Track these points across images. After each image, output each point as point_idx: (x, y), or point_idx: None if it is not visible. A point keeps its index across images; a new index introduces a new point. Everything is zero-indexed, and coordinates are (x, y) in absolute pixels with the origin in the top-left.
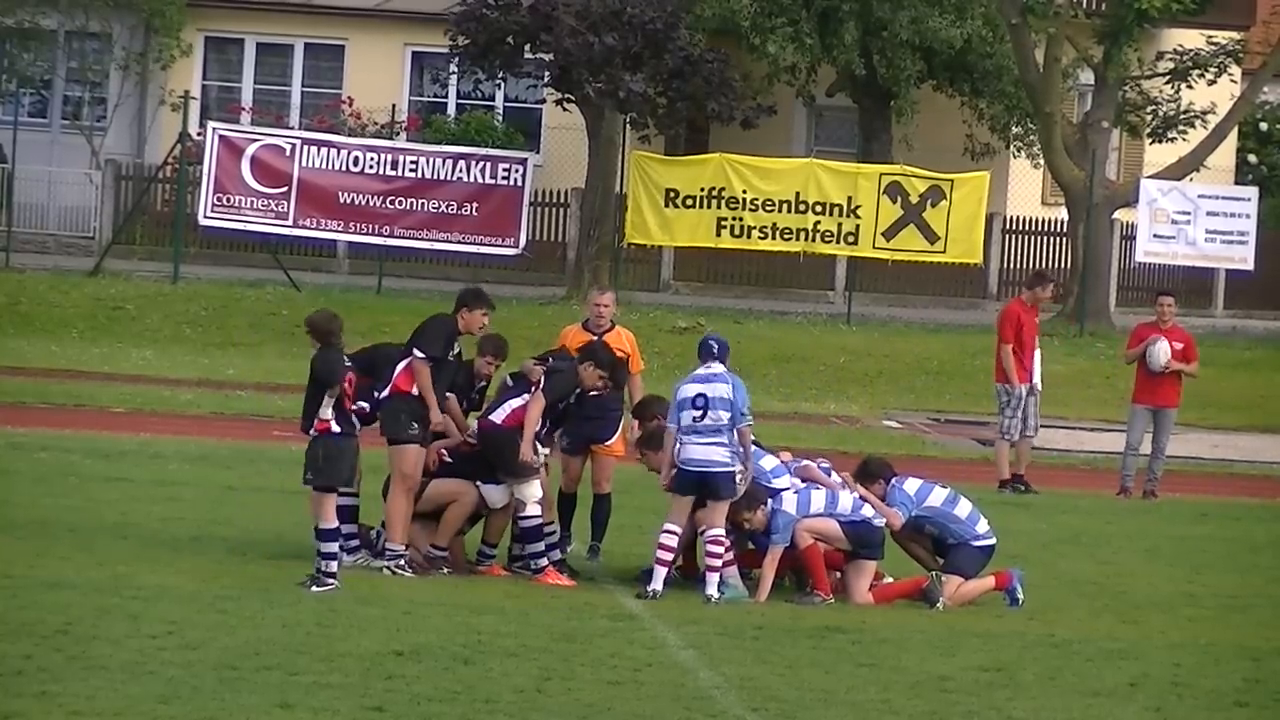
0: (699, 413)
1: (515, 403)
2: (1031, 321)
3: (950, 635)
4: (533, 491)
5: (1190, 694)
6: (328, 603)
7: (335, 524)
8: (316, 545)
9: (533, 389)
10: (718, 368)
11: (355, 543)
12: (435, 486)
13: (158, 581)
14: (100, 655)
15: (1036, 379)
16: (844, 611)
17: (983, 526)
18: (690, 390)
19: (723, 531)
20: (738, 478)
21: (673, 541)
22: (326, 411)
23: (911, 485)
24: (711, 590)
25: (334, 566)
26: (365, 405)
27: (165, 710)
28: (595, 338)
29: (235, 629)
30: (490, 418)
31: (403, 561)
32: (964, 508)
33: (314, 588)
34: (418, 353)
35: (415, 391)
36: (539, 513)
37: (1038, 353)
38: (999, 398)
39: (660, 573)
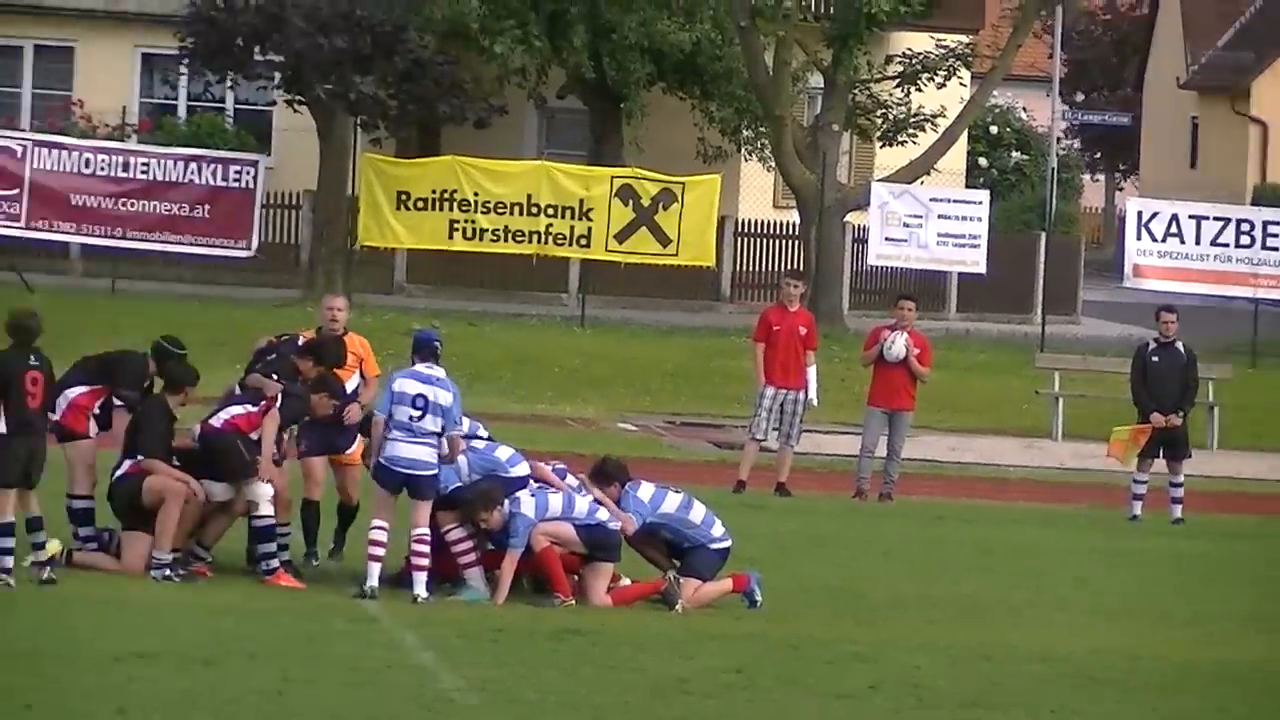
0: (418, 413)
1: (235, 410)
2: (789, 325)
3: (689, 637)
4: (263, 491)
5: (930, 696)
6: (69, 603)
7: (10, 519)
8: None
9: (265, 406)
10: (439, 371)
11: (94, 545)
12: (151, 483)
13: None
14: None
15: (812, 392)
16: (582, 614)
17: (718, 530)
18: (412, 388)
19: (428, 531)
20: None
21: (383, 537)
22: None
23: (646, 491)
24: (419, 590)
25: (8, 563)
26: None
27: None
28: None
29: None
30: (210, 422)
31: (168, 570)
32: (698, 512)
33: None
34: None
35: None
36: (272, 512)
37: (811, 369)
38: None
39: (374, 569)
